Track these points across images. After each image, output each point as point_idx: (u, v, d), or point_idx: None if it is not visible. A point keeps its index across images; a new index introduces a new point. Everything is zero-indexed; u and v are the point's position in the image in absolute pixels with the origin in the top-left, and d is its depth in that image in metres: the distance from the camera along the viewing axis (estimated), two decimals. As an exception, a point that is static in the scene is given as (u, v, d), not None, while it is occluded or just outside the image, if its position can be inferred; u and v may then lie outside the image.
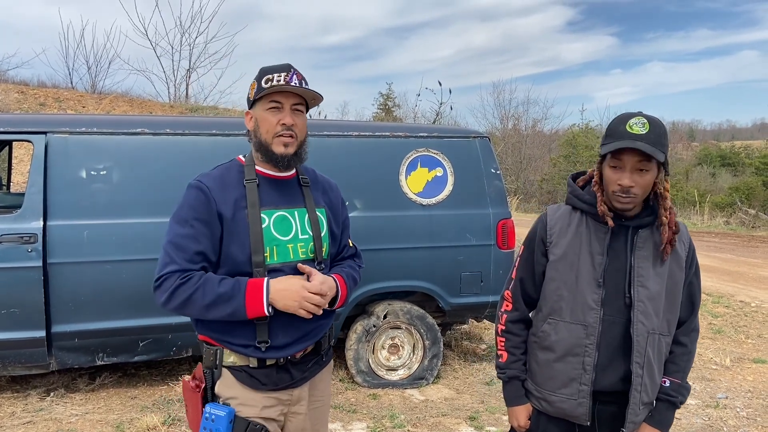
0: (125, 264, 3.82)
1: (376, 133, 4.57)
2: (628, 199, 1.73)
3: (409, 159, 4.53)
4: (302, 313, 1.74)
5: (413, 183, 4.52)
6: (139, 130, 4.02)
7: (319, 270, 1.84)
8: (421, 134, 4.65)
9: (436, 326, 4.59)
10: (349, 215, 1.93)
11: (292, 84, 1.76)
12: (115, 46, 31.32)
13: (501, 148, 25.29)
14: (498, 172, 4.76)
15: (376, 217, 4.38)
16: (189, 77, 17.82)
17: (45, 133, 3.83)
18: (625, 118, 1.73)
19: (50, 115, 4.57)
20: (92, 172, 3.86)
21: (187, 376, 3.68)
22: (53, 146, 3.82)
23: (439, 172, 4.59)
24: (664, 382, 1.87)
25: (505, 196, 4.77)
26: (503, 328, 1.99)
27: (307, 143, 1.88)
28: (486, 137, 4.87)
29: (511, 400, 1.98)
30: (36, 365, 3.81)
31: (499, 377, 2.01)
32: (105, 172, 3.89)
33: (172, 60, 18.19)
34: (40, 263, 3.67)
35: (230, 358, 1.79)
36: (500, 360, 1.99)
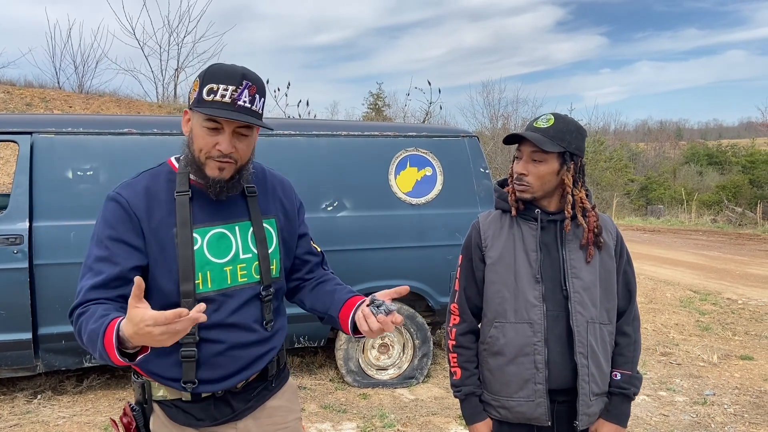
0: (113, 265, 3.78)
1: (366, 133, 4.57)
2: (522, 186, 1.84)
3: (399, 158, 4.53)
4: (170, 342, 1.24)
5: (402, 182, 4.52)
6: (126, 130, 3.99)
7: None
8: (411, 134, 4.65)
9: (426, 325, 4.60)
10: (339, 215, 1.81)
11: (240, 103, 1.45)
12: (103, 46, 31.15)
13: (491, 147, 25.33)
14: (487, 171, 4.77)
15: (366, 217, 4.38)
16: (177, 77, 17.72)
17: (30, 133, 3.79)
18: (539, 115, 1.86)
19: (36, 115, 4.53)
20: (78, 173, 3.83)
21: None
22: (39, 146, 3.79)
23: (428, 171, 4.60)
24: (615, 375, 1.88)
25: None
26: (454, 343, 1.96)
27: (250, 165, 1.58)
28: (475, 136, 4.88)
29: (470, 418, 1.93)
30: (22, 367, 3.78)
31: (455, 396, 1.97)
32: (91, 172, 3.86)
33: (160, 59, 18.10)
34: (26, 264, 3.63)
35: (160, 391, 1.55)
36: (454, 378, 1.95)
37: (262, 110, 1.53)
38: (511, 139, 1.86)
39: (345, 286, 1.75)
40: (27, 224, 3.67)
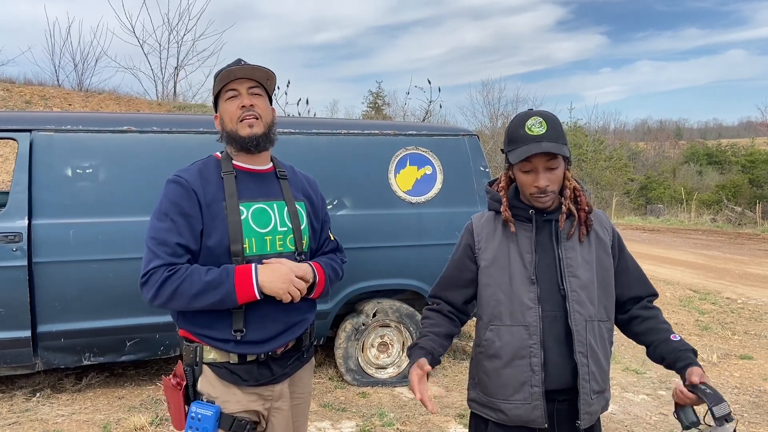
0: (112, 263, 3.78)
1: (366, 131, 4.56)
2: (547, 198, 1.78)
3: (398, 157, 4.52)
4: (287, 297, 1.76)
5: (402, 181, 4.52)
6: (125, 128, 3.98)
7: (300, 260, 1.86)
8: (411, 132, 4.64)
9: (426, 324, 4.59)
10: (339, 213, 1.94)
11: (243, 62, 1.81)
12: (102, 44, 31.12)
13: (490, 146, 25.31)
14: (487, 170, 4.76)
15: (366, 216, 4.37)
16: (177, 75, 17.73)
17: (30, 131, 3.78)
18: (522, 120, 1.77)
19: (35, 112, 4.52)
20: (78, 171, 3.82)
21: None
22: (38, 144, 3.78)
23: (428, 170, 4.59)
24: (674, 337, 1.86)
25: (494, 194, 4.78)
26: (422, 316, 2.00)
27: (275, 127, 1.89)
28: (475, 135, 4.88)
29: (410, 363, 1.85)
30: (21, 365, 3.77)
31: (408, 355, 1.94)
32: (91, 170, 3.85)
33: (160, 57, 18.11)
34: (25, 262, 3.62)
35: (210, 354, 1.79)
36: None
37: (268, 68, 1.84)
38: (524, 155, 1.73)
39: (320, 258, 2.00)
40: (26, 222, 3.66)
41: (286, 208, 1.87)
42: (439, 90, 23.75)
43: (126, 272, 3.76)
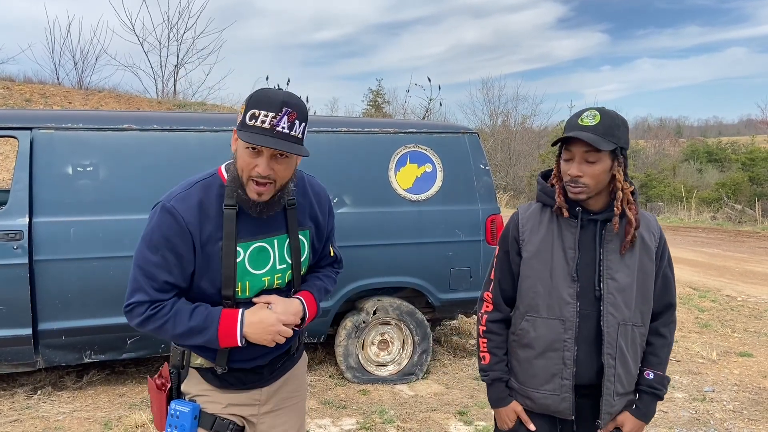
0: (112, 261, 3.79)
1: (366, 129, 4.57)
2: (578, 188, 1.78)
3: (399, 155, 4.52)
4: (272, 344, 1.72)
5: (402, 179, 4.52)
6: (125, 125, 3.98)
7: (286, 294, 1.79)
8: (411, 130, 4.64)
9: (426, 322, 4.60)
10: (339, 211, 1.91)
11: (278, 129, 1.56)
12: (102, 42, 31.07)
13: (490, 144, 25.33)
14: (487, 167, 4.77)
15: (366, 213, 4.38)
16: (177, 73, 17.69)
17: (30, 128, 3.79)
18: (581, 111, 1.79)
19: (35, 110, 4.52)
20: (78, 169, 3.83)
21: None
22: (38, 142, 3.78)
23: (428, 168, 4.59)
24: (648, 374, 1.89)
25: (494, 192, 4.78)
26: (484, 329, 1.99)
27: (291, 184, 1.72)
28: (475, 133, 4.88)
29: (496, 402, 1.97)
30: (23, 363, 3.78)
31: (483, 380, 2.01)
32: (91, 168, 3.85)
33: (160, 56, 18.07)
34: (26, 260, 3.63)
35: (197, 360, 1.76)
36: (483, 362, 1.99)
37: (303, 134, 1.66)
38: (561, 139, 1.79)
39: (314, 279, 1.92)
40: (27, 220, 3.67)
41: (287, 242, 1.77)
42: (439, 88, 23.82)
43: (126, 270, 3.69)
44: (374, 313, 4.45)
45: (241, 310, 1.68)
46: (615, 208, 1.80)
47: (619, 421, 1.88)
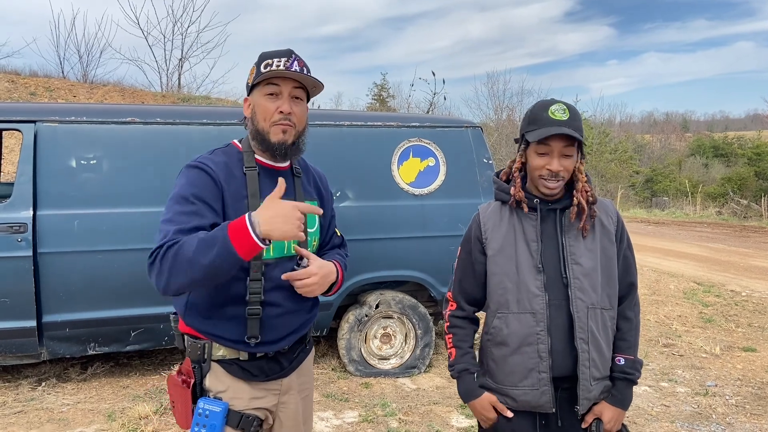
0: (116, 253, 3.80)
1: (369, 123, 4.56)
2: (556, 183, 1.80)
3: (402, 149, 4.52)
4: (301, 236, 1.56)
5: (405, 173, 4.52)
6: (129, 119, 3.99)
7: (303, 264, 1.78)
8: (414, 124, 4.64)
9: (428, 316, 4.61)
10: (342, 205, 1.93)
11: (292, 69, 1.68)
12: (107, 35, 31.12)
13: (495, 138, 25.26)
14: (490, 161, 4.76)
15: (369, 207, 4.38)
16: (181, 67, 17.73)
17: (34, 122, 3.80)
18: (545, 104, 1.80)
19: (39, 104, 4.54)
20: (82, 162, 3.84)
21: (174, 368, 3.68)
22: (43, 135, 3.80)
23: (431, 161, 4.59)
24: (619, 360, 1.89)
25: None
26: (448, 324, 2.01)
27: (306, 134, 1.81)
28: (478, 127, 4.87)
29: (467, 395, 1.94)
30: (27, 355, 3.81)
31: (451, 376, 2.00)
32: (95, 161, 3.87)
33: (164, 49, 18.10)
34: (30, 253, 3.65)
35: (219, 351, 1.74)
36: (450, 359, 2.00)
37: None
38: (545, 134, 1.76)
39: (333, 254, 1.98)
40: (31, 213, 3.68)
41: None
42: (444, 81, 23.69)
43: (130, 263, 3.78)
44: (377, 306, 4.46)
45: (246, 213, 1.54)
46: (575, 198, 1.82)
47: (597, 411, 1.87)
